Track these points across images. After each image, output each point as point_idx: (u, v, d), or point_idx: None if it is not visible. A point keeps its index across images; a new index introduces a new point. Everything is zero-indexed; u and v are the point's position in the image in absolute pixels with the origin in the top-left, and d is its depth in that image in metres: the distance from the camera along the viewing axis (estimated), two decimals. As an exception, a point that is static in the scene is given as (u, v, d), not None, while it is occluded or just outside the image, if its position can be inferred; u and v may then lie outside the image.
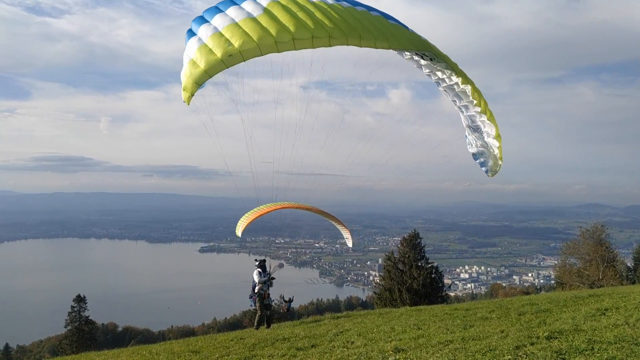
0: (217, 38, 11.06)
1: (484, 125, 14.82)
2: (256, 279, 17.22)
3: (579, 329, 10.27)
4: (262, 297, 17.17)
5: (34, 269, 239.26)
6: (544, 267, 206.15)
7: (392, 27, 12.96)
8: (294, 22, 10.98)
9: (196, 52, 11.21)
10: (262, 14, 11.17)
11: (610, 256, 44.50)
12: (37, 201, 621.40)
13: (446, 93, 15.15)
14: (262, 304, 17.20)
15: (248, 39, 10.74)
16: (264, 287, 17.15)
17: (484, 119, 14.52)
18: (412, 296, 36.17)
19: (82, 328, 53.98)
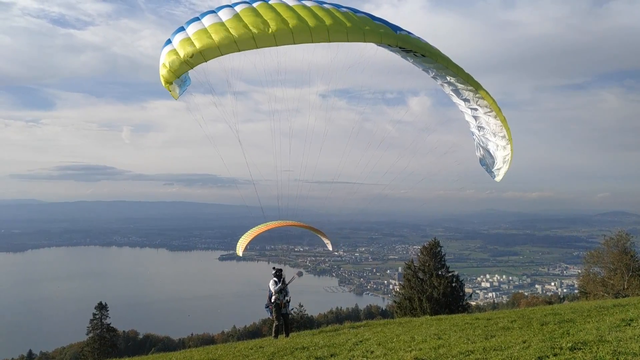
0: (183, 42, 11.94)
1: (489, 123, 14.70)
2: (272, 288, 17.25)
3: (603, 339, 10.07)
4: (279, 306, 17.15)
5: (56, 277, 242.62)
6: (567, 276, 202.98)
7: (370, 23, 12.88)
8: (256, 21, 11.54)
9: (166, 56, 12.11)
10: (231, 18, 11.85)
11: (636, 265, 43.60)
12: (61, 210, 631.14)
13: (451, 94, 15.10)
14: (278, 314, 17.17)
15: (209, 40, 11.54)
16: (280, 296, 17.14)
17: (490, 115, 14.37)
18: (433, 305, 35.83)
19: (104, 335, 54.49)
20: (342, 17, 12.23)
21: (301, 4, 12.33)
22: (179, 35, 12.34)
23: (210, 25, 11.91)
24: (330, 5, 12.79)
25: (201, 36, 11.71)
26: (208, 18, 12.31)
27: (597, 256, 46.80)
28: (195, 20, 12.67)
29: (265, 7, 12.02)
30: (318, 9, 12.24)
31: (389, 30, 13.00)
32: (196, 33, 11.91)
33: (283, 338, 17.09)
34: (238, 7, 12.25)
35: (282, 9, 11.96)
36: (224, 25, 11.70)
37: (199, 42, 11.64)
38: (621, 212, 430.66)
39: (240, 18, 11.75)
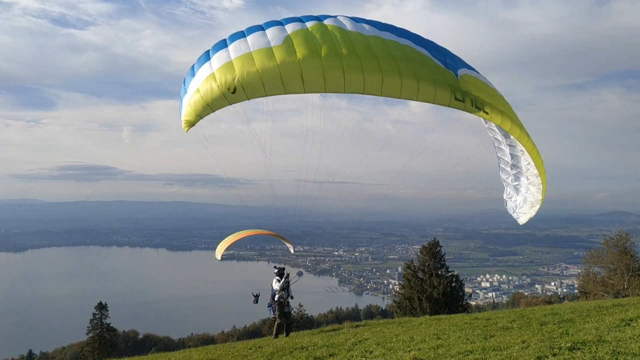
0: (224, 72, 10.41)
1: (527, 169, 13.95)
2: (275, 286, 17.20)
3: (602, 339, 10.06)
4: (282, 305, 17.10)
5: (57, 277, 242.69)
6: (567, 276, 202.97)
7: (437, 74, 11.21)
8: (311, 68, 10.11)
9: (203, 83, 10.69)
10: (281, 45, 10.40)
11: (636, 265, 43.61)
12: (61, 210, 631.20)
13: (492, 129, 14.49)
14: (281, 312, 17.13)
15: (256, 85, 10.15)
16: (283, 294, 17.11)
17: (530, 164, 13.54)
18: (432, 305, 35.83)
19: (104, 335, 54.52)
20: (423, 69, 10.82)
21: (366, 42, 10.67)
22: (219, 56, 10.70)
23: (257, 51, 10.28)
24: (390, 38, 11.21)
25: (245, 67, 10.10)
26: (255, 40, 10.61)
27: (597, 256, 46.83)
28: (238, 36, 11.00)
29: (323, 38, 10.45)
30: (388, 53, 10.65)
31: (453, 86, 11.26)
32: (239, 60, 10.29)
33: (283, 338, 17.08)
34: (289, 27, 10.72)
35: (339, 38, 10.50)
36: (272, 56, 10.09)
37: (242, 73, 10.06)
38: (621, 212, 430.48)
39: (293, 49, 10.15)
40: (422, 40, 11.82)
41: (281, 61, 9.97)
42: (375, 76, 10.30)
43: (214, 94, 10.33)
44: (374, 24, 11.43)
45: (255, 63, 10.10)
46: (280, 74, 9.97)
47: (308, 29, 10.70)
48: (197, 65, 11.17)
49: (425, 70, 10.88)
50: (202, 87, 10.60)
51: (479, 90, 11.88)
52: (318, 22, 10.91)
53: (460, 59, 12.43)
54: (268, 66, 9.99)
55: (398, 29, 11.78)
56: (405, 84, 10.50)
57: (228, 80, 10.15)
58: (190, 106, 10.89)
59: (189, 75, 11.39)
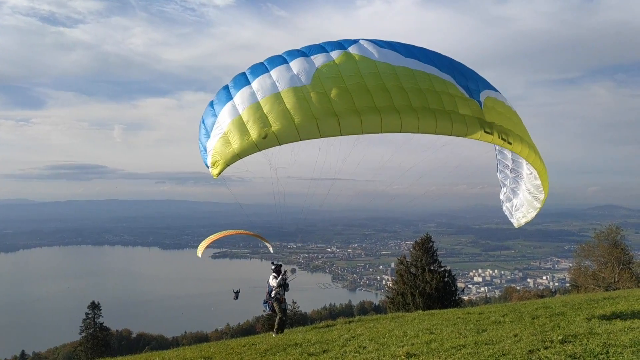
0: (253, 115, 9.71)
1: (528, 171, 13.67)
2: (272, 283, 17.27)
3: (593, 332, 10.16)
4: (280, 301, 17.20)
5: (49, 276, 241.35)
6: (559, 270, 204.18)
7: (462, 104, 10.89)
8: (346, 110, 9.67)
9: (232, 127, 9.90)
10: (310, 84, 9.77)
11: (626, 258, 43.99)
12: (52, 209, 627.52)
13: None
14: (280, 308, 17.23)
15: (289, 130, 9.53)
16: (280, 291, 17.17)
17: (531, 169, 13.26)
18: (425, 300, 35.95)
19: (97, 335, 54.36)
20: (453, 103, 10.61)
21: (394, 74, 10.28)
22: (243, 94, 10.06)
23: (286, 90, 9.69)
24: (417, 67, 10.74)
25: (277, 112, 9.54)
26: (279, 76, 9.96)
27: (588, 250, 47.18)
28: (260, 70, 10.31)
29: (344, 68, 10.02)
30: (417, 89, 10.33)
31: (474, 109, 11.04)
32: (268, 101, 9.70)
33: (272, 334, 17.12)
34: (314, 59, 10.16)
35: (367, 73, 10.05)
36: (303, 98, 9.60)
37: (275, 121, 9.49)
38: (612, 206, 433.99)
39: (321, 90, 9.70)
40: (445, 62, 11.47)
41: (316, 109, 9.56)
42: (412, 119, 10.12)
43: (244, 143, 9.70)
44: (397, 49, 10.95)
45: (287, 108, 9.58)
46: (317, 124, 9.58)
47: (335, 61, 10.15)
48: (218, 105, 10.49)
49: (455, 106, 10.73)
50: (229, 132, 9.94)
51: (501, 115, 11.78)
52: (343, 52, 10.38)
53: (481, 78, 12.31)
54: (303, 113, 9.53)
55: (421, 51, 11.41)
56: (440, 125, 10.40)
57: (259, 127, 9.57)
58: (217, 155, 10.15)
59: (209, 115, 10.63)
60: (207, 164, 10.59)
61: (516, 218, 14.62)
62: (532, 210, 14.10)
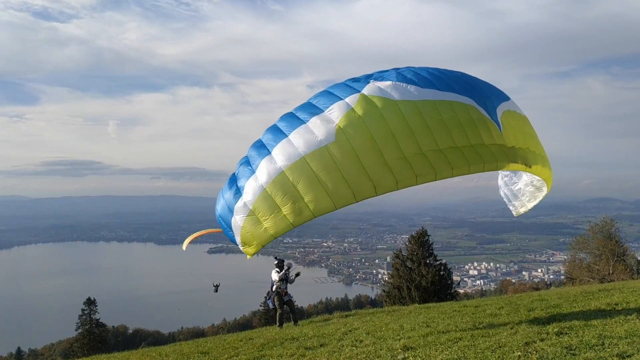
0: (281, 191, 9.30)
1: None
2: (274, 277, 17.44)
3: (589, 324, 10.20)
4: (281, 295, 17.34)
5: (44, 273, 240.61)
6: (554, 263, 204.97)
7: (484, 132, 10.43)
8: (374, 162, 9.26)
9: (259, 204, 9.54)
10: (334, 142, 9.25)
11: (620, 250, 44.21)
12: (47, 205, 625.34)
13: None
14: (280, 302, 17.34)
15: (322, 200, 9.19)
16: (281, 284, 17.34)
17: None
18: (421, 294, 36.03)
19: (93, 331, 54.23)
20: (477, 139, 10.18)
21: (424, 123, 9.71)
22: (267, 164, 9.57)
23: (312, 155, 9.14)
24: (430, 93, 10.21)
25: (310, 189, 9.13)
26: (300, 137, 9.47)
27: (583, 242, 47.37)
28: (281, 135, 9.78)
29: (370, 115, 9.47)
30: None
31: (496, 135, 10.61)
32: (294, 171, 9.20)
33: (292, 325, 17.26)
34: (332, 112, 9.56)
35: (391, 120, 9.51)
36: (331, 164, 9.09)
37: (310, 201, 9.15)
38: (606, 199, 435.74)
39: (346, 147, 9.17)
40: (461, 82, 10.95)
41: (348, 175, 9.11)
42: (445, 169, 9.77)
43: (278, 224, 9.41)
44: (412, 80, 10.38)
45: (314, 174, 9.14)
46: (350, 188, 9.21)
47: (353, 108, 9.55)
48: (242, 179, 10.09)
49: (480, 137, 10.29)
50: (257, 211, 9.57)
51: (517, 132, 11.47)
52: (361, 96, 9.81)
53: (495, 91, 11.96)
54: (333, 178, 9.13)
55: (435, 76, 10.79)
56: (472, 169, 10.16)
57: (292, 208, 9.22)
58: (249, 235, 9.95)
59: (233, 195, 10.23)
60: (235, 242, 10.32)
61: (515, 206, 14.43)
62: (533, 200, 13.97)
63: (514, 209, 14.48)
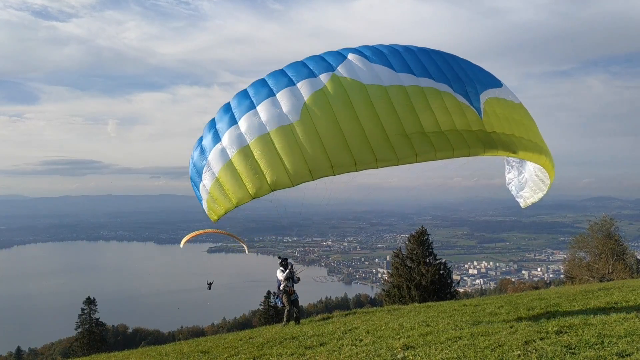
0: (244, 162, 9.56)
1: None
2: (280, 276, 17.58)
3: (588, 323, 10.20)
4: (288, 293, 17.49)
5: (44, 272, 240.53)
6: (553, 262, 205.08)
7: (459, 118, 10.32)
8: (335, 144, 9.34)
9: (222, 172, 9.91)
10: (299, 120, 9.42)
11: (620, 249, 44.25)
12: (46, 205, 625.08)
13: None
14: (288, 300, 17.50)
15: (280, 173, 9.36)
16: (288, 283, 17.49)
17: None
18: (421, 293, 36.08)
19: (93, 330, 54.28)
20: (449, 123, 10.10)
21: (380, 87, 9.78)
22: (231, 134, 9.84)
23: (275, 130, 9.39)
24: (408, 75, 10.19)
25: (268, 161, 9.35)
26: (266, 109, 9.65)
27: (582, 241, 47.41)
28: (246, 108, 9.94)
29: (336, 94, 9.59)
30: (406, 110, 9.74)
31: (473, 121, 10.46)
32: (258, 145, 9.46)
33: (293, 325, 17.31)
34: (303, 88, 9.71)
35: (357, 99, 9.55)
36: (294, 140, 9.31)
37: (268, 172, 9.34)
38: (605, 198, 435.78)
39: (310, 125, 9.37)
40: (441, 67, 10.86)
41: (308, 155, 9.34)
42: (409, 154, 9.73)
43: (239, 194, 9.80)
44: (389, 61, 10.39)
45: (278, 154, 9.40)
46: (309, 169, 9.38)
47: (323, 89, 9.68)
48: (209, 144, 10.40)
49: (453, 124, 10.21)
50: (223, 180, 9.98)
51: (502, 119, 11.25)
52: (332, 76, 9.85)
53: (481, 76, 11.75)
54: (294, 158, 9.34)
55: (415, 58, 10.73)
56: (439, 156, 10.02)
57: (252, 178, 9.53)
58: (212, 202, 10.48)
59: (199, 155, 10.64)
60: (202, 204, 10.92)
61: (523, 198, 14.30)
62: (539, 192, 13.83)
63: (522, 200, 14.39)
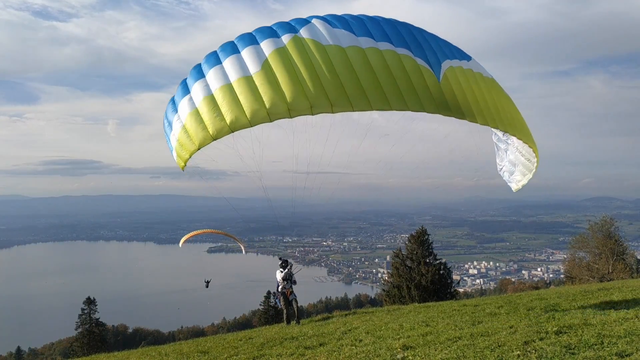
0: (207, 107, 10.43)
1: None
2: (278, 277, 17.66)
3: (588, 323, 10.21)
4: (285, 294, 17.53)
5: (44, 272, 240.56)
6: (553, 262, 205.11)
7: (415, 77, 10.72)
8: (291, 88, 9.96)
9: (188, 118, 10.77)
10: (260, 71, 10.21)
11: (620, 249, 44.25)
12: (47, 205, 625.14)
13: None
14: (286, 301, 17.54)
15: (239, 113, 10.10)
16: (286, 284, 17.52)
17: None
18: (421, 293, 36.07)
19: (93, 330, 54.29)
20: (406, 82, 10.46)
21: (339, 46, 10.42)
22: (198, 86, 10.75)
23: (237, 81, 10.19)
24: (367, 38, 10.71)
25: (229, 103, 10.12)
26: (230, 63, 10.53)
27: (582, 241, 47.41)
28: (213, 62, 10.88)
29: (295, 51, 10.26)
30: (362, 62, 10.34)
31: (431, 83, 10.84)
32: (221, 92, 10.29)
33: (294, 324, 17.33)
34: (265, 47, 10.47)
35: (316, 55, 10.22)
36: (253, 87, 10.06)
37: (228, 113, 10.11)
38: (605, 198, 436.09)
39: (271, 73, 10.10)
40: (402, 35, 11.25)
41: (267, 98, 9.96)
42: (363, 102, 10.24)
43: (200, 136, 10.51)
44: (350, 26, 10.88)
45: (238, 98, 10.15)
46: (267, 112, 10.02)
47: (285, 47, 10.39)
48: (179, 97, 11.27)
49: (409, 80, 10.62)
50: (188, 125, 10.74)
51: (463, 86, 11.48)
52: (294, 37, 10.54)
53: (445, 48, 11.99)
54: (252, 100, 10.04)
55: (377, 25, 11.20)
56: (394, 106, 10.45)
57: (214, 120, 10.25)
58: (180, 147, 11.11)
59: (171, 109, 11.52)
60: (172, 155, 11.75)
61: (515, 181, 14.54)
62: (528, 173, 14.10)
63: (514, 184, 14.64)
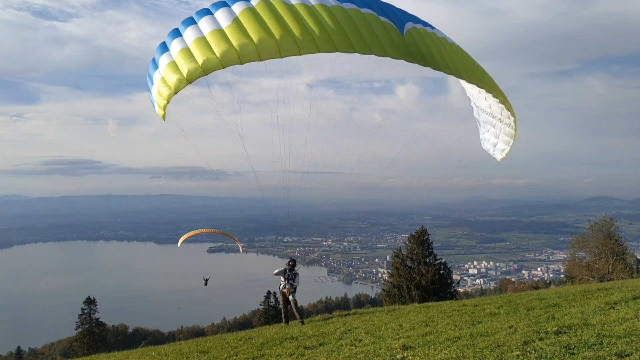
0: (182, 56, 11.43)
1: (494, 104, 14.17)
2: (281, 277, 17.72)
3: (588, 323, 10.20)
4: (284, 294, 17.63)
5: (44, 272, 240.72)
6: (553, 262, 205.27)
7: (378, 29, 11.69)
8: (259, 33, 10.91)
9: (166, 69, 11.69)
10: (230, 24, 11.26)
11: (620, 249, 44.25)
12: (47, 205, 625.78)
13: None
14: (284, 301, 17.68)
15: (210, 55, 11.04)
16: (286, 284, 17.58)
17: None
18: (421, 293, 36.08)
19: (93, 330, 54.34)
20: (357, 22, 11.45)
21: (303, 4, 11.50)
22: (176, 43, 11.75)
23: (210, 33, 11.29)
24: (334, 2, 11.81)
25: (202, 49, 11.18)
26: (205, 21, 11.63)
27: (583, 241, 47.40)
28: (189, 22, 11.96)
29: (263, 9, 11.36)
30: (328, 12, 11.44)
31: (394, 35, 11.73)
32: (195, 43, 11.36)
33: (294, 324, 17.45)
34: (236, 7, 11.57)
35: (284, 11, 11.27)
36: (224, 35, 11.12)
37: (199, 56, 11.13)
38: (606, 198, 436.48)
39: (240, 26, 11.13)
40: (366, 1, 12.24)
41: (237, 44, 10.92)
42: (328, 44, 11.10)
43: (175, 78, 11.42)
44: None
45: (209, 46, 11.14)
46: (238, 55, 10.91)
47: (255, 7, 11.47)
48: (158, 55, 12.21)
49: (371, 28, 11.52)
50: (165, 74, 11.67)
51: (426, 43, 12.31)
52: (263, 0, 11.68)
53: (410, 16, 12.84)
54: (223, 45, 10.99)
55: None
56: (357, 49, 11.23)
57: (187, 63, 11.20)
58: (159, 96, 11.99)
59: (152, 67, 12.38)
60: (154, 107, 12.60)
61: (499, 150, 15.13)
62: (509, 139, 14.62)
63: (498, 153, 15.18)
